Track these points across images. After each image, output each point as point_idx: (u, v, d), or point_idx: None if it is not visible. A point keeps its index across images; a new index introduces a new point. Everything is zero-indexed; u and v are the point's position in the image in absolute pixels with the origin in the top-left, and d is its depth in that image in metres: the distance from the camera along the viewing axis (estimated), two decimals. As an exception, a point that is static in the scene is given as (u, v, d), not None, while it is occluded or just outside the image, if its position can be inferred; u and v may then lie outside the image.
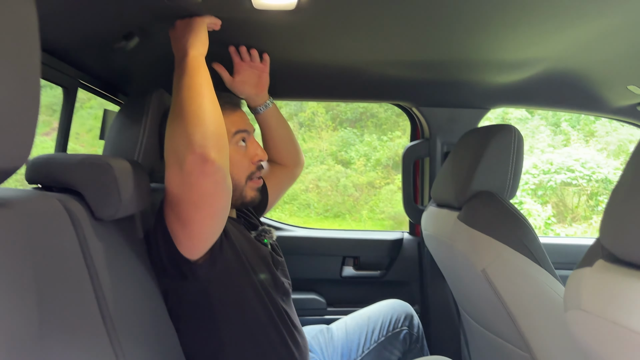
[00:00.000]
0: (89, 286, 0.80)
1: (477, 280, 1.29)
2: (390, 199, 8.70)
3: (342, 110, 9.61)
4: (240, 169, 1.23)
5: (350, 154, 9.28)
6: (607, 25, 1.18)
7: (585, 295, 0.73)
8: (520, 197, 7.91)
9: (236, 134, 1.22)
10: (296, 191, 9.00)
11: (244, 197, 1.25)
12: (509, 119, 9.37)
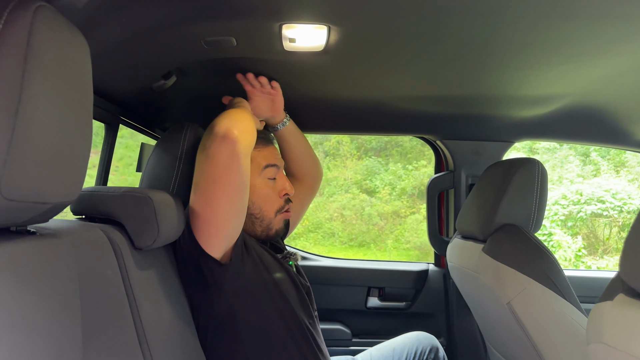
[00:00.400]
0: (128, 312, 0.85)
1: (502, 313, 1.30)
2: (416, 228, 8.62)
3: (367, 139, 9.65)
4: (269, 202, 1.29)
5: (375, 183, 9.27)
6: (628, 63, 1.20)
7: (607, 329, 0.74)
8: (550, 228, 7.75)
9: (266, 168, 1.28)
10: (321, 220, 9.01)
11: (270, 230, 1.30)
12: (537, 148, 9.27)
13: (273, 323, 1.17)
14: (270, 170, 1.29)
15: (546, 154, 9.34)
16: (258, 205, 1.28)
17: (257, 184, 1.27)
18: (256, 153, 1.26)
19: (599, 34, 1.03)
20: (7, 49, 0.51)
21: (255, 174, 1.27)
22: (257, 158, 1.27)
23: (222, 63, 1.25)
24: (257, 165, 1.27)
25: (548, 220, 7.83)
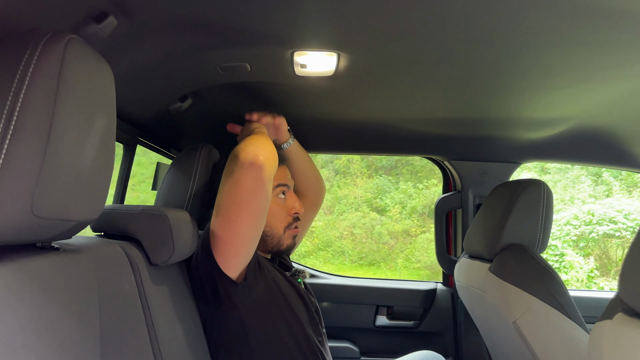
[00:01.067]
0: (144, 325, 0.88)
1: (508, 331, 1.31)
2: (427, 247, 8.58)
3: (377, 157, 9.65)
4: (278, 219, 1.33)
5: (386, 202, 9.25)
6: (629, 88, 1.24)
7: (606, 348, 0.76)
8: (562, 249, 7.67)
9: (277, 187, 1.32)
10: (330, 238, 9.00)
11: (281, 245, 1.34)
12: (549, 168, 9.22)
13: (284, 340, 1.20)
14: (280, 190, 1.33)
15: (558, 174, 9.28)
16: (269, 222, 1.31)
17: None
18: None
19: (598, 60, 1.06)
20: (41, 79, 0.56)
21: None
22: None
23: (235, 87, 1.31)
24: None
25: (560, 241, 7.76)
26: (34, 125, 0.55)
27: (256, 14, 0.89)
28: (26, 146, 0.54)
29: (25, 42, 0.58)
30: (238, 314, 1.15)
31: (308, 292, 1.39)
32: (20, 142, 0.54)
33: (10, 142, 0.53)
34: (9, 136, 0.53)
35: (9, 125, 0.53)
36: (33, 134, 0.55)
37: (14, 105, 0.54)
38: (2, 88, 0.55)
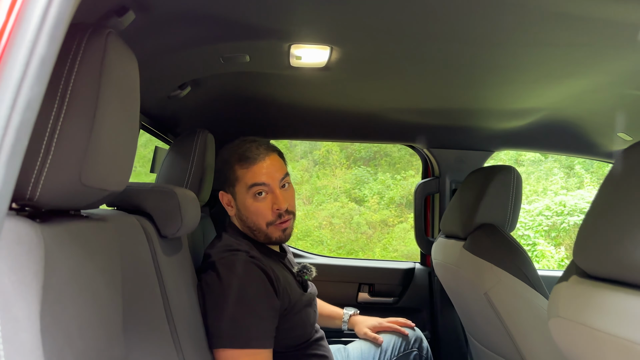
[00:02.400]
0: (157, 289, 0.98)
1: (480, 302, 1.45)
2: (404, 237, 8.72)
3: (356, 148, 9.74)
4: (260, 217, 1.33)
5: (364, 192, 9.34)
6: (592, 84, 1.37)
7: (561, 305, 0.89)
8: (534, 239, 7.91)
9: (252, 187, 1.32)
10: (309, 228, 9.09)
11: (270, 238, 1.37)
12: (523, 160, 9.45)
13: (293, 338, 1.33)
14: (256, 189, 1.32)
15: (531, 166, 9.51)
16: (251, 220, 1.34)
17: (247, 201, 1.33)
18: (243, 172, 1.32)
19: (564, 58, 1.19)
20: (88, 67, 0.65)
21: (243, 192, 1.33)
22: (244, 178, 1.32)
23: (232, 76, 1.40)
24: (244, 184, 1.32)
25: (532, 231, 8.00)
26: (82, 107, 0.64)
27: (259, 10, 0.99)
28: (76, 125, 0.64)
29: (72, 35, 0.67)
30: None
31: (311, 286, 1.50)
32: (72, 122, 0.63)
33: (63, 122, 0.63)
34: (61, 117, 0.63)
35: (62, 107, 0.63)
36: (82, 115, 0.64)
37: (65, 91, 0.63)
38: (54, 76, 0.64)
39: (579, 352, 0.87)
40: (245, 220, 1.36)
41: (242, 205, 1.35)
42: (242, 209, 1.36)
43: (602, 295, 0.78)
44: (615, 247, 0.75)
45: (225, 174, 1.37)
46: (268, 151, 1.36)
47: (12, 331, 0.46)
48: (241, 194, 1.34)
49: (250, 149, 1.34)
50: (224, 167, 1.37)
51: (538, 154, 9.18)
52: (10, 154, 0.38)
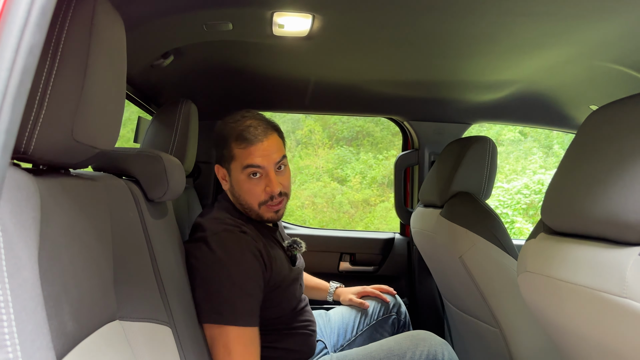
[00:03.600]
0: (146, 250, 1.02)
1: (455, 266, 1.51)
2: (385, 216, 8.81)
3: (338, 128, 9.75)
4: (252, 196, 1.35)
5: (346, 172, 9.36)
6: (563, 55, 1.43)
7: (529, 260, 0.96)
8: (512, 217, 8.07)
9: (247, 168, 1.32)
10: (292, 207, 9.12)
11: (261, 217, 1.38)
12: (502, 140, 9.58)
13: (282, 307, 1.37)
14: (251, 170, 1.33)
15: (511, 146, 9.63)
16: (243, 198, 1.36)
17: (240, 180, 1.34)
18: (240, 152, 1.33)
19: (535, 29, 1.24)
20: (78, 27, 0.68)
21: (238, 171, 1.34)
22: (240, 157, 1.33)
23: (215, 45, 1.42)
24: (240, 163, 1.33)
25: (510, 209, 8.15)
26: (74, 65, 0.67)
27: None
28: (68, 82, 0.66)
29: None
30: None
31: (299, 261, 1.54)
32: (63, 79, 0.66)
33: (55, 79, 0.65)
34: (53, 73, 0.65)
35: (53, 65, 0.65)
36: (73, 73, 0.67)
37: (57, 49, 0.66)
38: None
39: (544, 304, 0.93)
40: (238, 197, 1.38)
41: (236, 183, 1.36)
42: (235, 186, 1.37)
43: (565, 248, 0.84)
44: (578, 204, 0.81)
45: (222, 150, 1.37)
46: (267, 132, 1.35)
47: (14, 268, 0.50)
48: (236, 172, 1.35)
49: (249, 129, 1.33)
50: (222, 143, 1.36)
51: (518, 133, 9.32)
52: (15, 96, 0.41)
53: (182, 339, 1.04)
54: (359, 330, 1.72)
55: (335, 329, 1.71)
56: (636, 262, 0.67)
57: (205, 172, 2.02)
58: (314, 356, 1.48)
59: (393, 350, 1.37)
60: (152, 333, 0.96)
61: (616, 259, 0.70)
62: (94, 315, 0.77)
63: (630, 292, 0.66)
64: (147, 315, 0.96)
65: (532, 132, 9.35)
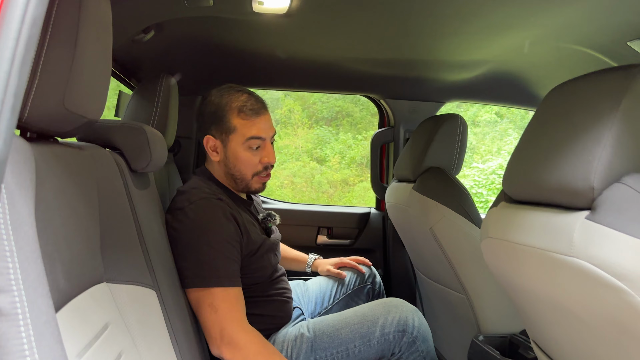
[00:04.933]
0: (131, 217, 1.06)
1: (426, 237, 1.59)
2: (364, 196, 8.89)
3: (318, 108, 9.75)
4: (248, 167, 1.41)
5: (326, 152, 9.39)
6: (532, 36, 1.50)
7: (491, 227, 1.03)
8: (487, 196, 8.24)
9: (250, 139, 1.39)
10: (271, 187, 9.15)
11: (249, 188, 1.46)
12: (479, 121, 9.71)
13: (258, 274, 1.43)
14: (253, 142, 1.39)
15: (487, 127, 9.77)
16: (238, 168, 1.41)
17: (239, 151, 1.40)
18: (243, 123, 1.38)
19: (501, 10, 1.30)
20: (68, 1, 0.71)
21: (239, 142, 1.39)
22: (242, 129, 1.38)
23: (196, 21, 1.45)
24: (242, 135, 1.38)
25: (485, 189, 8.33)
26: (65, 37, 0.71)
27: None
28: (59, 53, 0.70)
29: None
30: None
31: (275, 232, 1.60)
32: (55, 50, 0.70)
33: (48, 50, 0.69)
34: (45, 44, 0.69)
35: (45, 36, 0.69)
36: (64, 44, 0.71)
37: (48, 21, 0.69)
38: None
39: (504, 266, 1.01)
40: (232, 168, 1.42)
41: (232, 154, 1.40)
42: (231, 157, 1.41)
43: (522, 215, 0.92)
44: (534, 174, 0.88)
45: (218, 122, 1.40)
46: (264, 108, 1.44)
47: (17, 222, 0.54)
48: (234, 143, 1.39)
49: (251, 102, 1.40)
50: (219, 114, 1.39)
51: (494, 114, 9.47)
52: (22, 63, 0.45)
53: (166, 301, 1.09)
54: (336, 299, 1.80)
55: (312, 298, 1.79)
56: (583, 225, 0.74)
57: (185, 147, 2.05)
58: (291, 322, 1.56)
59: (367, 316, 1.45)
60: (137, 295, 1.02)
61: (566, 222, 0.78)
62: (83, 275, 0.82)
63: (576, 252, 0.74)
64: (133, 278, 1.01)
65: (508, 114, 9.49)
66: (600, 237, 0.71)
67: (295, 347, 1.40)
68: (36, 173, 0.65)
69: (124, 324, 0.94)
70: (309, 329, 1.44)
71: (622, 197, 0.71)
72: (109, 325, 0.86)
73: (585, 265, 0.73)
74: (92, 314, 0.82)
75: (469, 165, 8.92)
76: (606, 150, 0.74)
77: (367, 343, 1.40)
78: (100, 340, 0.80)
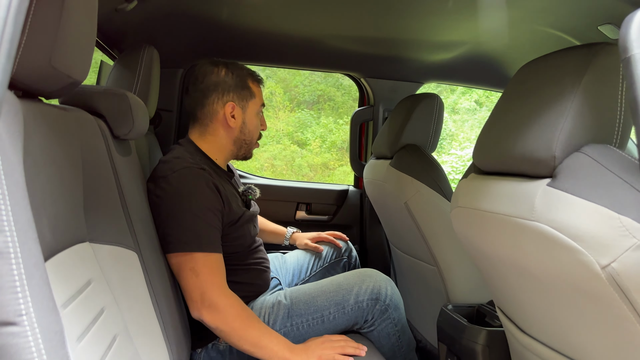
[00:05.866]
0: (113, 181, 1.09)
1: (401, 211, 1.65)
2: (343, 180, 8.96)
3: (300, 92, 9.73)
4: (256, 132, 1.57)
5: (307, 135, 9.41)
6: (507, 17, 1.54)
7: (460, 197, 1.08)
8: (464, 181, 8.36)
9: (262, 106, 1.57)
10: (251, 169, 9.13)
11: (249, 151, 1.59)
12: (459, 109, 9.82)
13: (238, 242, 1.48)
14: (261, 108, 1.57)
15: (466, 114, 9.89)
16: (250, 133, 1.55)
17: (253, 118, 1.54)
18: (258, 91, 1.54)
19: None
20: None
21: (255, 108, 1.54)
22: (259, 95, 1.54)
23: None
24: (259, 100, 1.55)
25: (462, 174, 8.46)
26: None
27: None
28: (46, 11, 0.72)
29: None
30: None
31: (254, 205, 1.65)
32: (43, 8, 0.71)
33: (35, 7, 0.71)
34: (34, 2, 0.71)
35: None
36: (52, 2, 0.72)
37: None
38: None
39: (472, 233, 1.06)
40: (246, 133, 1.54)
41: (249, 119, 1.53)
42: (248, 122, 1.53)
43: (490, 184, 0.97)
44: (501, 145, 0.93)
45: (240, 88, 1.50)
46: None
47: (9, 168, 0.57)
48: (252, 109, 1.53)
49: (255, 72, 1.56)
50: (241, 82, 1.50)
51: (473, 102, 9.58)
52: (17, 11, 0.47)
53: (147, 264, 1.13)
54: (313, 271, 1.85)
55: (290, 270, 1.84)
56: (544, 191, 0.79)
57: (166, 120, 2.06)
58: (269, 290, 1.60)
59: (342, 285, 1.50)
60: (119, 256, 1.05)
61: (528, 189, 0.83)
62: (67, 233, 0.85)
63: (537, 216, 0.79)
64: (115, 239, 1.04)
65: (487, 102, 9.62)
66: (559, 202, 0.77)
67: (273, 313, 1.44)
68: (25, 125, 0.67)
69: (105, 283, 0.97)
70: (286, 297, 1.49)
71: (581, 165, 0.77)
72: (92, 282, 0.89)
73: (545, 229, 0.78)
74: (75, 270, 0.85)
75: (448, 151, 9.04)
76: (568, 122, 0.79)
77: (341, 310, 1.45)
78: (83, 295, 0.83)
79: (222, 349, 1.42)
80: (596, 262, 0.71)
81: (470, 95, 9.23)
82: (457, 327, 1.36)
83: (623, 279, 0.70)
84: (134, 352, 0.99)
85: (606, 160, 0.75)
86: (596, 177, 0.74)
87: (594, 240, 0.71)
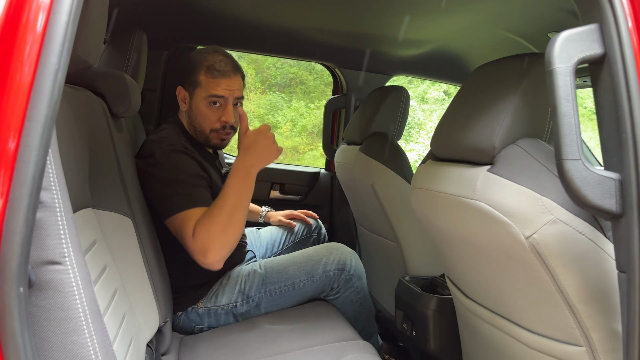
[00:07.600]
0: (113, 155, 1.21)
1: (367, 193, 1.81)
2: (313, 164, 9.06)
3: (272, 74, 9.67)
4: (206, 122, 1.55)
5: (277, 118, 9.39)
6: (470, 20, 1.71)
7: (418, 180, 1.24)
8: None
9: (210, 97, 1.52)
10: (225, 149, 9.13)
11: (208, 142, 1.59)
12: (427, 98, 10.02)
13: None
14: (212, 99, 1.52)
15: (435, 104, 10.07)
16: (198, 121, 1.55)
17: (200, 105, 1.53)
18: (207, 81, 1.51)
19: None
20: None
21: (201, 97, 1.52)
22: (206, 86, 1.51)
23: None
24: (205, 90, 1.51)
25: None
26: None
27: None
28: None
29: None
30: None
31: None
32: None
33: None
34: None
35: None
36: None
37: None
38: None
39: (428, 211, 1.23)
40: (193, 119, 1.57)
41: (196, 107, 1.55)
42: (194, 110, 1.55)
43: (443, 169, 1.14)
44: (452, 136, 1.10)
45: (189, 75, 1.54)
46: (235, 70, 1.55)
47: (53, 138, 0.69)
48: (198, 97, 1.53)
49: (220, 63, 1.52)
50: (190, 69, 1.53)
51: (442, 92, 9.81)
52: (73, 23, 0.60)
53: (140, 229, 1.26)
54: (285, 246, 2.01)
55: (264, 244, 1.99)
56: (484, 176, 0.96)
57: (149, 99, 2.15)
58: (244, 262, 1.75)
59: (311, 257, 1.66)
60: (117, 222, 1.18)
61: (472, 174, 1.00)
62: (77, 198, 0.97)
63: (478, 196, 0.96)
64: (114, 207, 1.17)
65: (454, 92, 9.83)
66: (495, 184, 0.94)
67: (249, 281, 1.59)
68: None
69: (106, 245, 1.10)
70: (260, 267, 1.64)
71: (515, 154, 0.94)
72: (97, 242, 1.02)
73: (484, 206, 0.95)
74: (84, 230, 0.98)
75: (416, 140, 9.25)
76: (507, 119, 0.96)
77: (310, 278, 1.61)
78: (91, 252, 0.96)
79: (201, 312, 1.56)
80: (521, 233, 0.89)
81: (440, 86, 9.43)
82: (412, 295, 1.54)
83: (542, 247, 0.88)
84: (129, 306, 1.13)
85: (535, 152, 0.93)
86: (525, 165, 0.92)
87: (520, 215, 0.89)
